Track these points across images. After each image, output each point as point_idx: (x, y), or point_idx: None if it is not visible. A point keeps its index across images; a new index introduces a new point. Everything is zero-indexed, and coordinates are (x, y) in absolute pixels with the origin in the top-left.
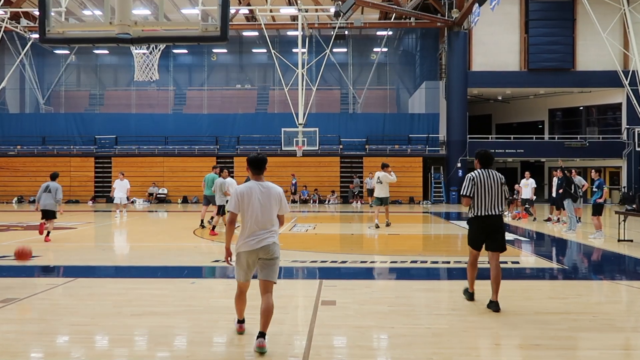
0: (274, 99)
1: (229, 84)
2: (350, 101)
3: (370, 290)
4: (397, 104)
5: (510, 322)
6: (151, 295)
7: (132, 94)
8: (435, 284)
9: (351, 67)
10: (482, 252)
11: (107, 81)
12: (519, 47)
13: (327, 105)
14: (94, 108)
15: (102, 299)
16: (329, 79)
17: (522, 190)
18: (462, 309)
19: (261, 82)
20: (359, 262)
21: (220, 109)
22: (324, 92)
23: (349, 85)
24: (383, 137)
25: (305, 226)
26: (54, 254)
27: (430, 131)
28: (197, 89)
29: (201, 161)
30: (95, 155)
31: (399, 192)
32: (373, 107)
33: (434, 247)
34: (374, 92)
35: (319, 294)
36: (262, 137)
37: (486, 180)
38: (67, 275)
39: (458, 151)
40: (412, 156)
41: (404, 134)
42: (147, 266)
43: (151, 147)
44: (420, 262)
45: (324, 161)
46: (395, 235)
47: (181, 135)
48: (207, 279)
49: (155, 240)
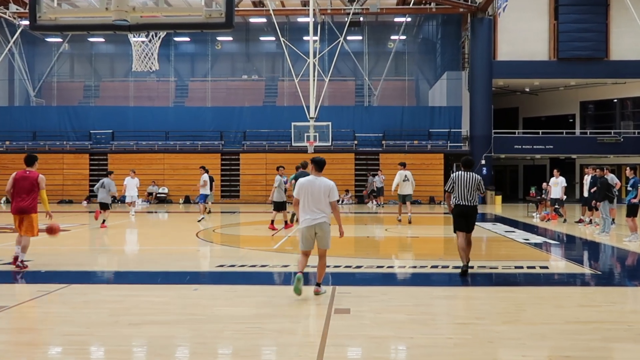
0: (283, 91)
1: (234, 74)
2: (365, 93)
3: (387, 297)
4: (416, 96)
5: (539, 332)
6: (150, 303)
7: (130, 86)
8: (458, 290)
9: (366, 57)
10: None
11: (103, 72)
12: (548, 35)
13: (341, 98)
14: (88, 101)
15: (97, 306)
16: (342, 69)
17: (551, 189)
18: (487, 317)
19: (269, 72)
20: (375, 267)
21: (225, 102)
22: (337, 83)
23: (364, 76)
24: (401, 132)
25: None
26: (46, 258)
27: (452, 125)
28: (200, 80)
29: (204, 158)
30: (90, 151)
31: (418, 191)
32: (390, 99)
33: (455, 251)
34: (391, 84)
35: (332, 301)
36: (271, 132)
37: (463, 179)
38: (60, 281)
39: (482, 147)
40: (433, 152)
41: (424, 128)
42: (146, 271)
43: (150, 143)
44: (441, 267)
45: (337, 158)
46: (414, 238)
47: (183, 130)
48: (210, 285)
49: (155, 244)
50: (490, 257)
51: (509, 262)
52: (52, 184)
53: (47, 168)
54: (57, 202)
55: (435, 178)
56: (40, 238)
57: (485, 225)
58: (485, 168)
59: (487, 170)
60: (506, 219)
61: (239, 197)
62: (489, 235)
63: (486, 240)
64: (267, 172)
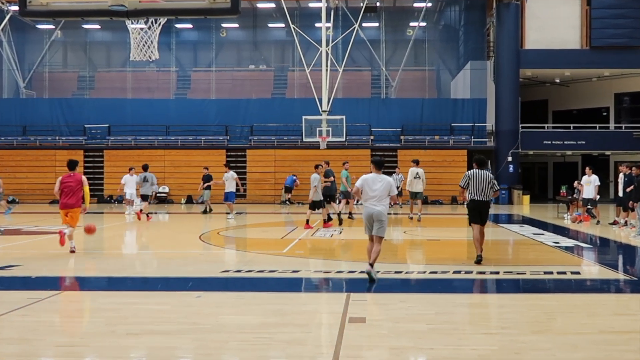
0: (293, 82)
1: (240, 64)
2: (382, 84)
3: (406, 305)
4: (437, 88)
5: (570, 343)
6: (150, 311)
7: (128, 76)
8: (482, 298)
9: (384, 45)
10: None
11: (98, 61)
12: (580, 21)
13: (356, 89)
14: (83, 92)
15: (92, 315)
16: (357, 58)
17: (583, 188)
18: (514, 327)
19: (278, 62)
20: (392, 273)
21: (230, 94)
22: (352, 73)
23: (381, 66)
24: (421, 127)
25: (330, 230)
26: (37, 263)
27: (476, 119)
28: (203, 70)
29: (208, 154)
30: (85, 147)
31: (439, 190)
32: (409, 91)
33: None
34: (411, 74)
35: (346, 309)
36: (280, 127)
37: (478, 176)
38: (52, 288)
39: (509, 143)
40: (455, 149)
41: (446, 122)
42: (145, 277)
43: (150, 139)
44: (464, 272)
45: (352, 154)
46: (435, 241)
47: (185, 125)
48: (215, 292)
49: (155, 247)
50: (517, 261)
51: (538, 267)
52: (44, 182)
53: (37, 165)
54: (49, 202)
55: (458, 176)
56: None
57: (512, 227)
58: (512, 165)
59: (513, 167)
60: (535, 220)
61: (245, 197)
62: (516, 238)
63: (513, 243)
64: (275, 169)
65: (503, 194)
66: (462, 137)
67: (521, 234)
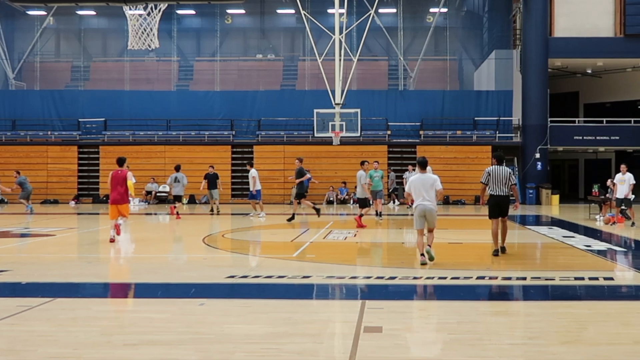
0: (304, 73)
1: (247, 53)
2: (400, 75)
3: (425, 313)
4: (459, 79)
5: (603, 354)
6: (149, 319)
7: (126, 67)
8: (508, 305)
9: (402, 32)
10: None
11: (93, 50)
12: (614, 7)
13: (372, 81)
14: (77, 84)
15: (87, 324)
16: (373, 47)
17: (617, 187)
18: (542, 337)
19: (288, 51)
20: (411, 278)
21: (236, 86)
22: (368, 63)
23: (399, 55)
24: (442, 121)
25: (344, 233)
26: (27, 268)
27: (501, 113)
28: (207, 59)
29: (212, 151)
30: (79, 143)
31: (461, 190)
32: (429, 82)
33: (505, 260)
34: (431, 64)
35: (361, 318)
36: (290, 121)
37: (497, 172)
38: (44, 295)
39: (536, 138)
40: (479, 144)
41: (468, 116)
42: (144, 283)
43: (149, 134)
44: (488, 278)
45: (367, 151)
46: (457, 245)
47: (187, 119)
48: (219, 299)
49: (155, 251)
50: (545, 266)
51: (568, 272)
52: (35, 180)
53: (28, 162)
54: (40, 202)
55: (481, 174)
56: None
57: (540, 229)
58: (540, 163)
59: (541, 165)
60: (564, 222)
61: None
62: (544, 241)
63: (541, 247)
64: (285, 167)
65: (530, 194)
66: (486, 132)
67: (550, 236)
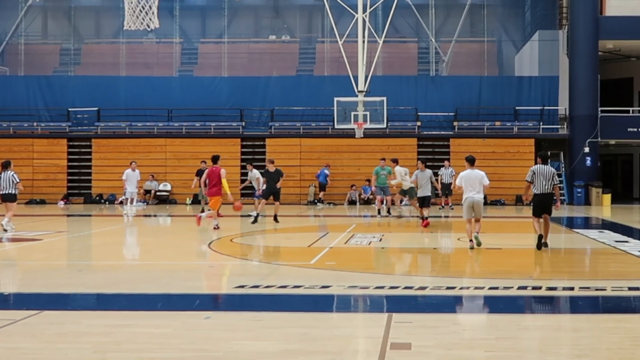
0: (323, 56)
1: (258, 34)
2: (431, 59)
3: (460, 328)
4: (498, 63)
5: None
6: (148, 335)
7: (121, 49)
8: (553, 319)
9: (433, 11)
10: None
11: (85, 31)
12: None
13: (399, 66)
14: (66, 69)
15: (78, 340)
16: (401, 27)
17: None
18: (592, 354)
19: (305, 32)
20: (444, 288)
21: (246, 71)
22: (395, 46)
23: (430, 37)
24: (478, 111)
25: (368, 237)
26: (11, 277)
27: (545, 102)
28: (213, 41)
29: (219, 144)
30: (69, 135)
31: (501, 189)
32: (464, 67)
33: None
34: (466, 47)
35: (388, 333)
36: (306, 110)
37: (542, 171)
38: (29, 307)
39: (585, 130)
40: (521, 137)
41: (509, 105)
42: (142, 294)
43: (148, 125)
44: (531, 288)
45: (394, 144)
46: (495, 250)
47: (191, 108)
48: (227, 312)
49: (155, 258)
50: (596, 274)
51: (621, 281)
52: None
53: (11, 157)
54: (24, 202)
55: (523, 171)
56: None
57: (589, 233)
58: (590, 158)
59: (591, 160)
60: (617, 224)
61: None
62: (594, 246)
63: (591, 252)
64: (301, 163)
65: (579, 193)
66: (528, 123)
67: (601, 241)
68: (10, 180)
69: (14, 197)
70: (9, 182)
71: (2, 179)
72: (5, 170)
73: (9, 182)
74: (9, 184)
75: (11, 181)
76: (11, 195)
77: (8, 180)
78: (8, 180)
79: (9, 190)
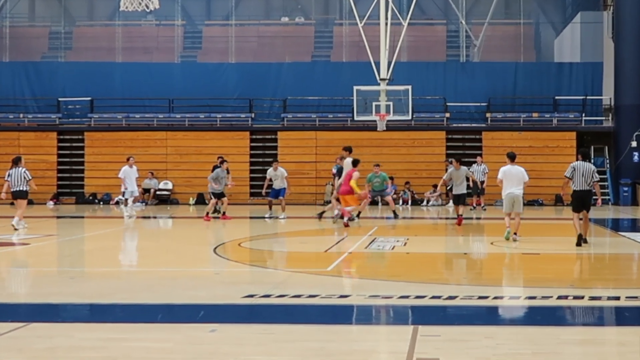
0: (340, 41)
1: (269, 16)
2: (462, 44)
3: (493, 342)
4: (536, 49)
5: None
6: (146, 350)
7: (117, 32)
8: (596, 332)
9: None
10: None
11: (77, 12)
12: None
13: (426, 51)
14: (56, 54)
15: (68, 355)
16: (428, 8)
17: None
18: None
19: (321, 13)
20: (475, 298)
21: (256, 56)
22: (421, 29)
23: (460, 19)
24: (514, 101)
25: (391, 241)
26: None
27: (588, 91)
28: (219, 23)
29: (226, 138)
30: (59, 128)
31: (539, 187)
32: (498, 52)
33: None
34: (500, 29)
35: (413, 348)
36: (323, 100)
37: (582, 167)
38: (15, 319)
39: (633, 122)
40: (561, 130)
41: (547, 94)
42: (140, 304)
43: (147, 117)
44: (572, 297)
45: (420, 138)
46: (533, 256)
47: (194, 98)
48: (235, 324)
49: (154, 264)
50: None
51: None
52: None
53: None
54: (9, 202)
55: (563, 168)
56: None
57: (636, 236)
58: (638, 153)
59: (639, 155)
60: None
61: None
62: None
63: (638, 258)
64: (317, 158)
65: (625, 192)
66: (569, 114)
67: None
68: (22, 177)
69: (26, 194)
70: (21, 178)
71: (13, 175)
72: (16, 167)
73: (20, 179)
74: (20, 181)
75: (23, 178)
76: (22, 192)
77: (20, 176)
78: (20, 177)
79: (20, 187)
